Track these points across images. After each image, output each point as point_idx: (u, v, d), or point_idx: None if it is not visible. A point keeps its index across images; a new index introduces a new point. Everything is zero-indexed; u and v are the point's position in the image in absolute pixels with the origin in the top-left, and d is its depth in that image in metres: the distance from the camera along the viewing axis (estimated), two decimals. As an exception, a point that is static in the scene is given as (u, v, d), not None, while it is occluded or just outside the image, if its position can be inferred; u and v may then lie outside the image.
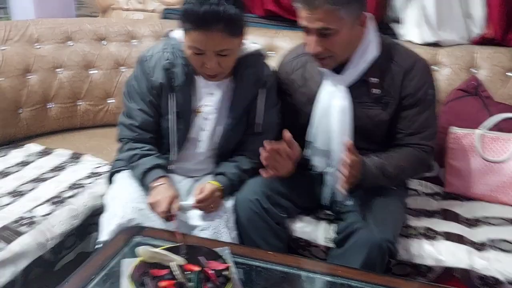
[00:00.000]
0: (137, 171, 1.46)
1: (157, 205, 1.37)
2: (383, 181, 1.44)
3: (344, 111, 1.45)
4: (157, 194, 1.39)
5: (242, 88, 1.49)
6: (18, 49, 2.09)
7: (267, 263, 1.26)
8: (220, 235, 1.41)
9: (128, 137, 1.51)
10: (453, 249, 1.43)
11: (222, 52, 1.35)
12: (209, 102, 1.50)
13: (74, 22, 2.28)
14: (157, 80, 1.45)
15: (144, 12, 2.83)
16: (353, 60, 1.43)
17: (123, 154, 1.52)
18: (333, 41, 1.34)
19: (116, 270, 1.21)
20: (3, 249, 1.37)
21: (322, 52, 1.37)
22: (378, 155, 1.45)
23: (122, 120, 1.54)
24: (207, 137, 1.52)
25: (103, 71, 2.24)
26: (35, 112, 2.11)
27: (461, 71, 1.92)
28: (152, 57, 1.47)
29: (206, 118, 1.51)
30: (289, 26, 2.27)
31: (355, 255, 1.34)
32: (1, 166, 1.85)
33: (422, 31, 2.00)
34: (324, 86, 1.48)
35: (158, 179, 1.42)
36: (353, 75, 1.44)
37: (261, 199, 1.46)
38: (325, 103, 1.47)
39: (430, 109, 1.49)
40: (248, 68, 1.48)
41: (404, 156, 1.47)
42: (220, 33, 1.31)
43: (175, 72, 1.45)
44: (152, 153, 1.48)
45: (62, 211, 1.58)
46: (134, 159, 1.47)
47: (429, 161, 1.51)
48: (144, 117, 1.49)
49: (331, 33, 1.33)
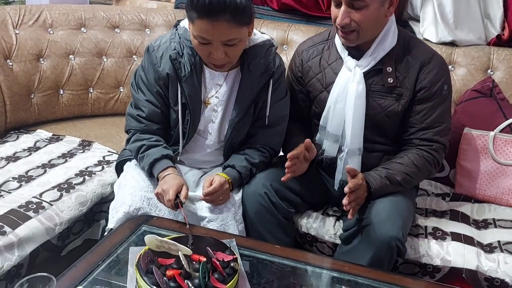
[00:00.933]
0: (145, 162, 1.44)
1: (164, 194, 1.36)
2: (393, 189, 1.44)
3: (359, 96, 1.45)
4: (164, 184, 1.37)
5: (249, 79, 1.47)
6: (31, 33, 2.10)
7: (274, 257, 1.26)
8: (227, 227, 1.41)
9: (136, 128, 1.50)
10: (461, 250, 1.42)
11: (229, 42, 1.34)
12: (218, 94, 1.49)
13: (88, 9, 2.28)
14: (164, 71, 1.44)
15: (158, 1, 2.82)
16: (372, 47, 1.45)
17: (130, 145, 1.50)
18: (361, 14, 1.36)
19: (122, 258, 1.21)
20: (11, 232, 1.39)
21: (349, 24, 1.38)
22: (383, 165, 1.46)
23: (130, 111, 1.53)
24: (216, 129, 1.52)
25: (115, 59, 2.24)
26: (47, 98, 2.12)
27: (477, 71, 1.90)
28: (159, 47, 1.46)
29: (215, 110, 1.50)
30: (304, 20, 2.26)
31: (363, 252, 1.34)
32: (11, 150, 1.86)
33: (439, 29, 1.98)
34: (341, 72, 1.49)
35: (166, 169, 1.41)
36: (370, 62, 1.46)
37: (270, 193, 1.46)
38: (341, 88, 1.48)
39: (444, 105, 1.48)
40: (256, 59, 1.47)
41: (412, 161, 1.45)
42: (227, 23, 1.29)
43: (181, 63, 1.43)
44: (160, 144, 1.47)
45: (70, 197, 1.59)
46: (142, 150, 1.46)
47: (439, 160, 1.50)
48: (151, 108, 1.48)
49: (361, 5, 1.35)
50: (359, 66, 1.46)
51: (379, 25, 1.43)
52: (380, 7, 1.38)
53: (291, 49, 1.66)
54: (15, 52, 2.03)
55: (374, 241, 1.33)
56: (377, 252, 1.33)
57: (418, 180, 1.53)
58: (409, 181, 1.46)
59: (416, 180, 1.50)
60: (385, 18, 1.43)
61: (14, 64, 2.03)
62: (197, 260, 1.10)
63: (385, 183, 1.41)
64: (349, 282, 1.21)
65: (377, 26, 1.42)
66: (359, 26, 1.38)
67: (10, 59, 2.02)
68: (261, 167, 1.53)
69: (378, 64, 1.46)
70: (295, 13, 2.28)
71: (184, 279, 1.05)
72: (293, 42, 2.12)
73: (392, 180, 1.42)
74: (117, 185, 1.51)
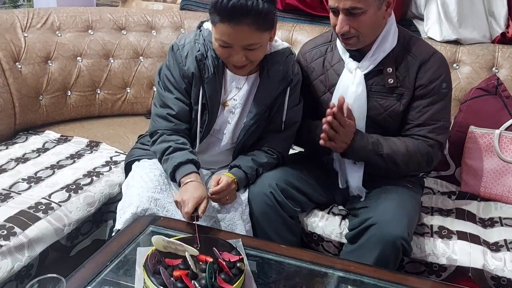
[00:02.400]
0: (169, 164, 1.42)
1: (183, 205, 1.33)
2: (374, 158, 1.44)
3: (358, 97, 1.46)
4: (184, 193, 1.35)
5: (267, 84, 1.48)
6: (40, 36, 2.12)
7: (280, 257, 1.27)
8: (234, 227, 1.43)
9: (164, 128, 1.47)
10: (468, 249, 1.42)
11: (250, 46, 1.34)
12: (236, 96, 1.51)
13: (95, 11, 2.30)
14: (190, 70, 1.45)
15: (163, 3, 2.84)
16: (372, 48, 1.45)
17: (156, 146, 1.47)
18: (360, 20, 1.37)
19: (130, 258, 1.23)
20: (21, 233, 1.41)
21: (349, 31, 1.39)
22: (377, 135, 1.46)
23: (157, 111, 1.50)
24: (230, 131, 1.53)
25: (122, 61, 2.26)
26: (55, 100, 2.14)
27: (482, 69, 1.90)
28: (184, 46, 1.47)
29: (232, 112, 1.52)
30: (308, 20, 2.27)
31: (369, 252, 1.35)
32: (20, 152, 1.89)
33: (443, 28, 1.98)
34: (343, 74, 1.50)
35: (189, 175, 1.39)
36: (371, 63, 1.46)
37: (275, 192, 1.47)
38: (343, 90, 1.49)
39: (442, 103, 1.48)
40: (276, 65, 1.48)
41: (406, 144, 1.45)
42: (248, 27, 1.30)
43: (206, 64, 1.45)
44: (186, 147, 1.45)
45: (79, 197, 1.61)
46: (168, 152, 1.43)
47: (433, 156, 1.48)
48: (181, 105, 1.48)
49: (358, 12, 1.36)
50: (360, 68, 1.47)
51: (378, 27, 1.44)
52: (377, 11, 1.38)
53: (296, 49, 1.67)
54: (24, 55, 2.06)
55: (380, 240, 1.34)
56: (383, 251, 1.33)
57: (404, 166, 1.46)
58: (393, 160, 1.44)
59: (401, 164, 1.45)
60: (384, 20, 1.43)
61: (23, 67, 2.05)
62: (204, 261, 1.12)
63: (367, 147, 1.42)
64: (355, 282, 1.21)
65: (376, 29, 1.43)
66: (358, 32, 1.39)
67: (19, 61, 2.05)
68: (267, 168, 1.54)
69: (378, 65, 1.47)
70: (300, 13, 2.29)
71: (191, 279, 1.06)
72: (298, 42, 2.13)
73: (376, 149, 1.43)
74: (125, 185, 1.52)
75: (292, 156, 1.74)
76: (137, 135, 1.79)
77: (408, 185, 1.54)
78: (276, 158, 1.56)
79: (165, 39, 2.28)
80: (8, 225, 1.41)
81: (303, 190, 1.54)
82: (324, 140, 1.39)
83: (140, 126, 2.17)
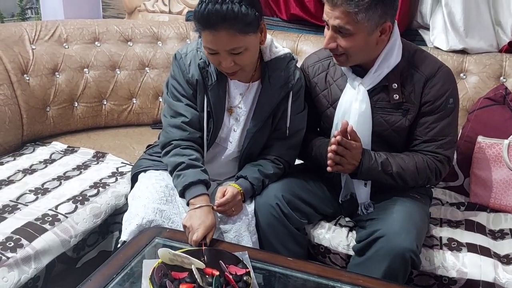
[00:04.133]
0: (180, 181, 1.40)
1: (192, 231, 1.31)
2: (383, 177, 1.43)
3: (362, 114, 1.45)
4: (195, 219, 1.32)
5: (269, 90, 1.48)
6: (47, 48, 2.14)
7: (287, 269, 1.25)
8: (241, 239, 1.42)
9: (179, 138, 1.45)
10: (478, 262, 1.40)
11: (234, 50, 1.34)
12: (240, 103, 1.51)
13: (102, 23, 2.32)
14: (194, 77, 1.46)
15: (169, 14, 2.85)
16: (376, 64, 1.43)
17: (169, 159, 1.45)
18: (347, 41, 1.36)
19: (136, 270, 1.22)
20: (28, 245, 1.41)
21: (336, 49, 1.39)
22: (385, 153, 1.45)
23: (170, 121, 1.48)
24: (236, 139, 1.53)
25: (128, 72, 2.27)
26: (62, 111, 2.16)
27: (489, 79, 1.89)
28: (187, 55, 1.48)
29: (237, 119, 1.52)
30: (313, 30, 2.27)
31: (377, 264, 1.33)
32: (28, 163, 1.90)
33: (449, 38, 1.97)
34: (346, 90, 1.49)
35: (199, 197, 1.37)
36: (374, 79, 1.45)
37: (281, 204, 1.46)
38: (346, 106, 1.48)
39: (449, 118, 1.46)
40: (277, 71, 1.48)
41: (414, 160, 1.45)
42: (226, 32, 1.30)
43: (209, 72, 1.45)
44: (199, 165, 1.43)
45: (85, 209, 1.61)
46: (180, 168, 1.41)
47: (442, 170, 1.47)
48: (193, 111, 1.47)
49: (346, 33, 1.34)
50: (363, 84, 1.45)
51: (369, 51, 1.40)
52: (367, 36, 1.35)
53: (301, 59, 1.68)
54: (32, 67, 2.08)
55: (388, 253, 1.32)
56: (391, 264, 1.32)
57: (412, 182, 1.47)
58: (403, 178, 1.44)
59: (410, 181, 1.46)
60: (377, 45, 1.39)
61: (30, 79, 2.07)
62: (210, 274, 1.11)
63: (376, 168, 1.41)
64: (363, 295, 1.20)
65: (367, 52, 1.40)
66: (345, 51, 1.38)
67: (27, 73, 2.07)
68: (274, 179, 1.53)
69: (383, 80, 1.45)
70: (304, 24, 2.30)
71: (197, 292, 1.05)
72: (303, 53, 2.13)
73: (385, 169, 1.42)
74: (131, 196, 1.52)
75: (298, 167, 1.73)
76: (143, 146, 1.79)
77: (416, 196, 1.53)
78: (282, 168, 1.55)
79: (171, 50, 2.29)
80: (15, 237, 1.41)
81: (309, 201, 1.53)
82: (331, 166, 1.38)
83: (146, 136, 2.17)
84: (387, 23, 1.36)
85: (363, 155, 1.40)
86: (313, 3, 2.22)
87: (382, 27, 1.36)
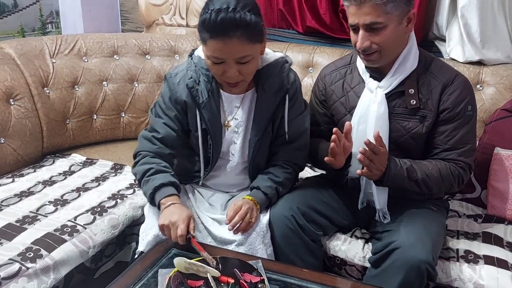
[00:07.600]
0: (150, 185, 1.40)
1: (172, 228, 1.31)
2: (408, 184, 1.43)
3: (380, 117, 1.45)
4: (171, 215, 1.32)
5: (264, 98, 1.49)
6: (67, 62, 2.19)
7: (302, 281, 1.26)
8: (255, 251, 1.42)
9: (147, 150, 1.48)
10: (495, 274, 1.39)
11: (242, 59, 1.35)
12: (236, 115, 1.52)
13: (120, 37, 2.37)
14: (182, 97, 1.47)
15: (186, 27, 2.90)
16: (393, 68, 1.46)
17: (137, 167, 1.46)
18: (380, 35, 1.38)
19: (153, 281, 1.23)
20: (47, 255, 1.43)
21: (370, 46, 1.40)
22: (409, 160, 1.45)
23: (143, 133, 1.53)
24: (238, 150, 1.54)
25: (146, 85, 2.31)
26: (81, 123, 2.20)
27: (506, 90, 1.88)
28: (177, 75, 1.50)
29: (236, 132, 1.53)
30: (329, 42, 2.28)
31: (393, 276, 1.32)
32: (47, 175, 1.94)
33: (465, 49, 1.97)
34: (364, 94, 1.50)
35: (171, 197, 1.38)
36: (392, 83, 1.46)
37: (297, 215, 1.46)
38: (363, 110, 1.49)
39: (468, 125, 1.47)
40: (270, 78, 1.49)
41: (437, 167, 1.45)
42: (239, 40, 1.31)
43: (199, 90, 1.47)
44: (168, 170, 1.45)
45: (103, 220, 1.64)
46: (149, 174, 1.42)
47: (464, 177, 1.48)
48: (168, 130, 1.49)
49: (379, 27, 1.36)
50: (381, 87, 1.47)
51: (399, 43, 1.44)
52: (398, 26, 1.39)
53: (316, 71, 1.69)
54: (52, 80, 2.13)
55: (404, 265, 1.31)
56: (407, 276, 1.31)
57: (436, 189, 1.48)
58: (427, 185, 1.44)
59: (434, 187, 1.46)
60: (405, 35, 1.43)
61: (51, 92, 2.12)
62: (225, 282, 1.12)
63: (402, 174, 1.41)
64: (379, 307, 1.20)
65: (398, 44, 1.43)
66: (380, 47, 1.40)
67: (47, 87, 2.12)
68: (287, 184, 1.54)
69: (400, 86, 1.47)
70: (320, 36, 2.31)
71: (213, 302, 1.06)
72: (318, 65, 2.15)
73: (410, 175, 1.42)
74: (147, 207, 1.54)
75: (313, 178, 1.73)
76: (160, 158, 1.81)
77: (433, 208, 1.52)
78: (292, 172, 1.56)
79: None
80: (35, 248, 1.44)
81: (324, 213, 1.53)
82: (361, 169, 1.38)
83: (163, 148, 2.20)
84: (411, 11, 1.40)
85: (389, 161, 1.40)
86: (329, 15, 2.23)
87: (408, 16, 1.40)
